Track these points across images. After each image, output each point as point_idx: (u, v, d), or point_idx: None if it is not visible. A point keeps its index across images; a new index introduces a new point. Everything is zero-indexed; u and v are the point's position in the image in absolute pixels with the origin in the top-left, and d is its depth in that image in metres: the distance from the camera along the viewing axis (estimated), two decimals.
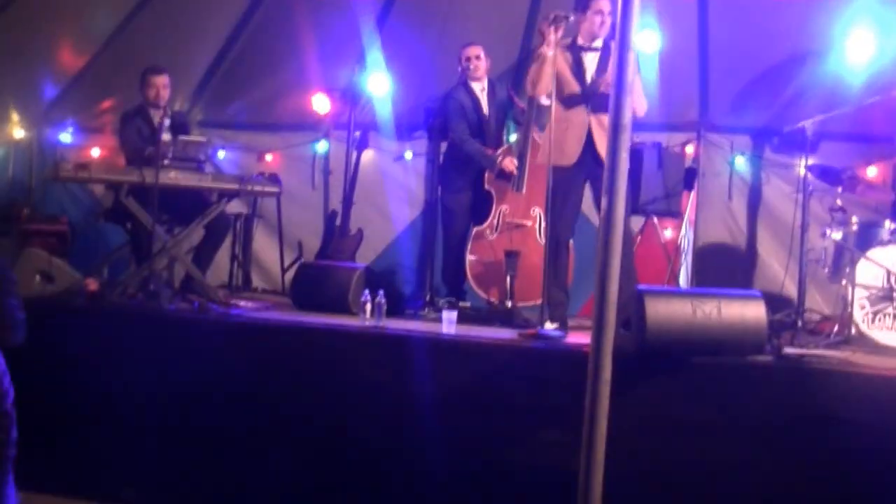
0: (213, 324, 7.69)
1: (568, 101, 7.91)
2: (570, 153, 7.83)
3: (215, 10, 11.01)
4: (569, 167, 7.80)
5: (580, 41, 7.99)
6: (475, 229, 9.04)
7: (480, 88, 9.35)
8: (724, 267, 10.10)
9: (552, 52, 7.64)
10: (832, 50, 9.38)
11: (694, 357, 6.34)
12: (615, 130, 3.91)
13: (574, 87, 7.91)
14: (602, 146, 7.65)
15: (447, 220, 9.44)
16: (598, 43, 7.94)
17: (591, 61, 7.96)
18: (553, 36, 7.65)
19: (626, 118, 3.92)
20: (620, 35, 3.92)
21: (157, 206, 8.28)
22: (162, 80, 9.22)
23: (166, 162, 8.48)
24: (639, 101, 7.77)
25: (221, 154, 11.48)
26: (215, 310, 8.06)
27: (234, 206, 9.80)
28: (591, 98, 7.86)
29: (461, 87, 9.36)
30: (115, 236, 9.90)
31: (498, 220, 8.95)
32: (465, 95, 9.32)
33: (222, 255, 10.21)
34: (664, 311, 6.32)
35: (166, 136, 8.72)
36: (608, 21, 7.86)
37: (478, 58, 9.31)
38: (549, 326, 7.45)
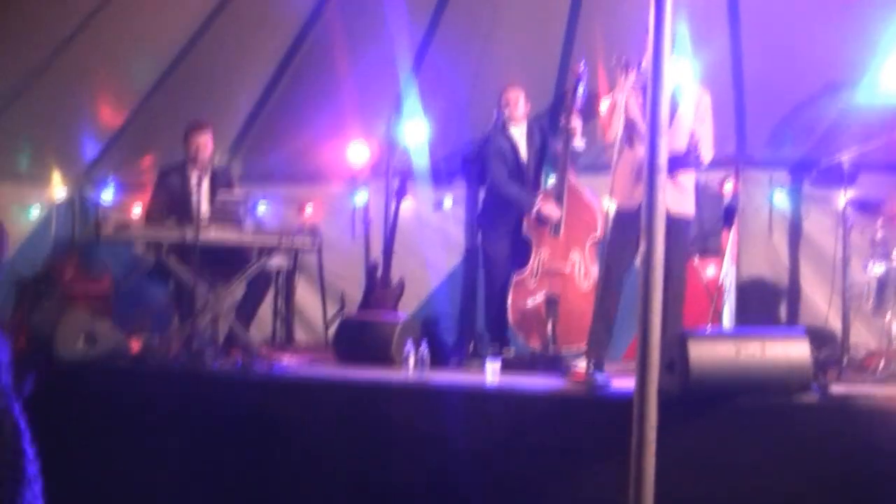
0: (257, 381, 7.70)
1: (635, 144, 7.75)
2: (637, 196, 7.50)
3: (251, 62, 11.09)
4: (633, 210, 7.51)
5: None
6: (516, 276, 9.01)
7: (519, 133, 9.34)
8: (768, 303, 10.03)
9: (623, 98, 7.61)
10: (867, 79, 9.34)
11: (739, 398, 6.29)
12: (651, 171, 3.91)
13: (642, 127, 7.66)
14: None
15: (488, 266, 9.41)
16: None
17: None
18: (624, 80, 7.61)
19: (663, 159, 3.91)
20: (653, 74, 3.92)
21: (199, 264, 8.31)
22: (203, 138, 9.26)
23: (206, 219, 8.53)
24: (707, 148, 7.72)
25: (262, 207, 11.51)
26: (259, 367, 8.07)
27: (275, 260, 9.81)
28: None
29: (499, 130, 9.35)
30: (159, 294, 9.93)
31: (537, 266, 8.93)
32: (504, 139, 9.31)
33: (265, 310, 10.24)
34: (707, 353, 6.29)
35: (205, 194, 8.77)
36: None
37: (518, 100, 9.31)
38: (594, 371, 7.44)
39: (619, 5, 9.38)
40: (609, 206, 7.64)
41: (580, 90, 8.55)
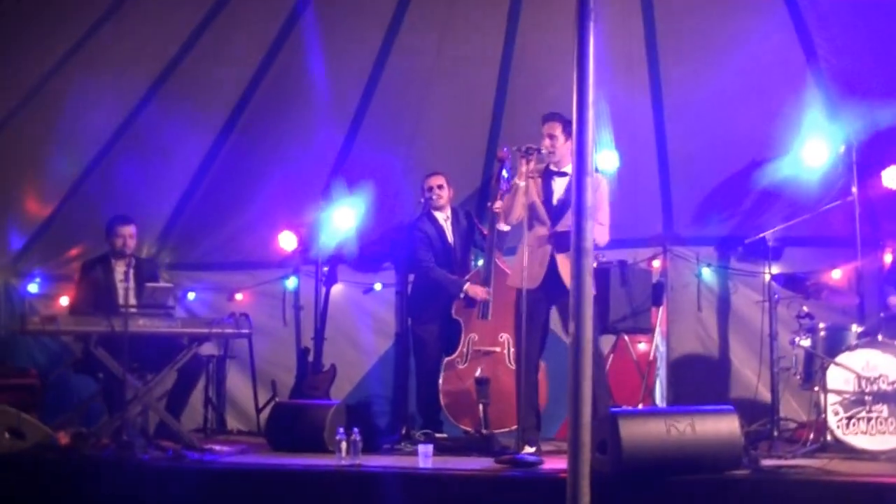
0: (189, 471, 7.61)
1: (534, 225, 8.02)
2: (534, 276, 7.90)
3: (179, 152, 11.06)
4: (533, 290, 7.86)
5: (552, 166, 8.08)
6: (446, 359, 9.03)
7: (444, 217, 9.43)
8: (699, 378, 10.13)
9: (523, 183, 7.75)
10: (788, 156, 9.50)
11: (672, 476, 6.31)
12: (578, 254, 3.93)
13: (542, 212, 8.01)
14: (563, 271, 7.74)
15: (419, 350, 9.43)
16: (569, 168, 7.99)
17: (559, 186, 8.05)
18: (525, 168, 7.77)
19: (588, 242, 3.95)
20: (577, 159, 3.97)
21: (128, 355, 8.24)
22: (128, 230, 9.24)
23: (133, 310, 8.48)
24: (601, 231, 7.85)
25: (191, 296, 11.47)
26: (190, 456, 7.99)
27: (206, 348, 9.78)
28: (555, 225, 7.94)
29: (424, 216, 9.44)
30: (87, 386, 9.81)
31: (467, 349, 8.95)
32: (430, 225, 9.38)
33: (196, 398, 10.16)
34: (638, 432, 6.32)
35: (131, 286, 8.72)
36: (560, 144, 7.96)
37: (440, 187, 9.40)
38: (527, 451, 7.45)
39: (543, 94, 9.50)
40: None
41: (504, 174, 8.65)
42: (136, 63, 10.32)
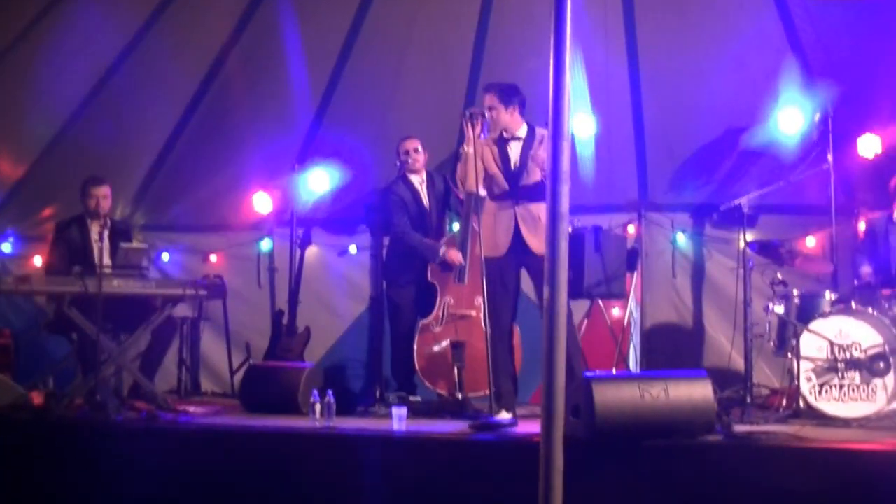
0: (162, 432, 7.61)
1: (494, 193, 8.05)
2: (501, 244, 7.92)
3: (154, 113, 11.02)
4: (500, 257, 7.90)
5: (504, 133, 8.07)
6: (421, 322, 9.02)
7: (419, 181, 9.39)
8: (673, 344, 10.16)
9: (471, 149, 7.75)
10: (764, 124, 9.52)
11: (644, 440, 6.34)
12: (553, 219, 3.90)
13: (500, 178, 8.01)
14: (528, 235, 7.76)
15: (393, 314, 9.42)
16: (522, 131, 8.02)
17: (514, 151, 8.04)
18: (470, 132, 7.76)
19: (564, 206, 3.92)
20: (553, 124, 3.95)
21: (102, 315, 8.22)
22: (102, 191, 9.21)
23: (108, 270, 8.45)
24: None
25: (166, 257, 11.43)
26: (164, 417, 7.98)
27: (180, 310, 9.75)
28: (514, 188, 7.94)
29: (400, 180, 9.40)
30: (60, 347, 9.79)
31: (443, 312, 8.94)
32: (405, 188, 9.35)
33: (170, 360, 10.16)
34: (612, 396, 6.34)
35: (106, 246, 8.69)
36: (500, 113, 7.98)
37: (416, 150, 9.36)
38: (501, 415, 7.47)
39: (520, 60, 9.47)
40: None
41: (481, 137, 8.61)
42: (108, 26, 10.23)
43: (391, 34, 10.51)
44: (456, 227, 9.46)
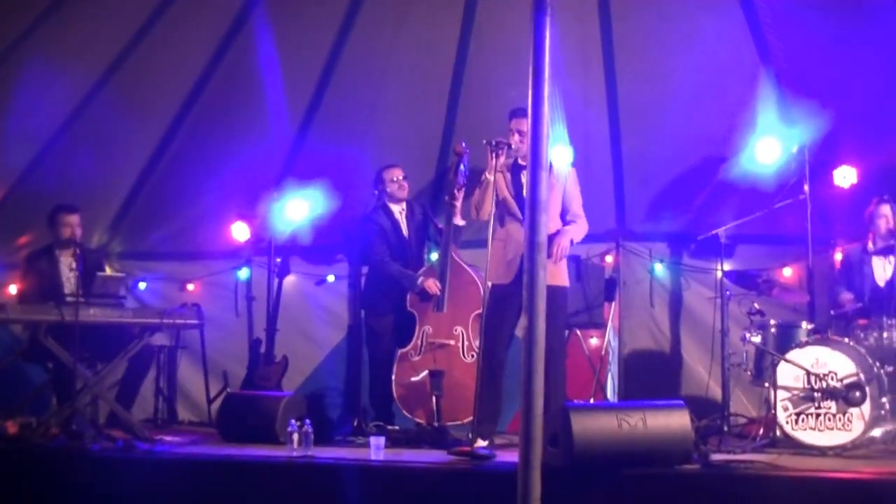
0: (139, 462, 7.58)
1: (506, 220, 8.04)
2: (507, 271, 7.92)
3: (131, 141, 11.01)
4: (507, 285, 7.88)
5: (520, 160, 8.08)
6: (400, 351, 9.01)
7: (399, 210, 9.41)
8: (651, 373, 10.17)
9: (493, 177, 7.78)
10: (741, 154, 9.57)
11: (622, 470, 6.34)
12: (531, 249, 3.93)
13: (512, 204, 8.01)
14: None
15: (372, 342, 9.41)
16: None
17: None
18: (494, 161, 7.78)
19: (542, 237, 3.95)
20: (532, 154, 3.97)
21: (78, 344, 8.19)
22: (73, 219, 9.21)
23: (82, 299, 8.43)
24: (581, 225, 7.98)
25: (143, 285, 11.41)
26: (140, 447, 7.95)
27: (157, 339, 9.73)
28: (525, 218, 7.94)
29: (380, 209, 9.41)
30: (36, 375, 9.74)
31: (422, 341, 8.94)
32: (385, 217, 9.36)
33: (147, 389, 10.12)
34: (590, 426, 6.35)
35: (78, 273, 8.68)
36: (522, 142, 7.96)
37: (405, 178, 9.38)
38: (479, 444, 7.47)
39: (499, 87, 9.51)
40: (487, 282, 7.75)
41: (461, 168, 8.62)
42: (87, 51, 10.22)
43: (370, 62, 10.52)
44: (434, 256, 9.48)
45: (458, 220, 8.78)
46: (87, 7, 9.79)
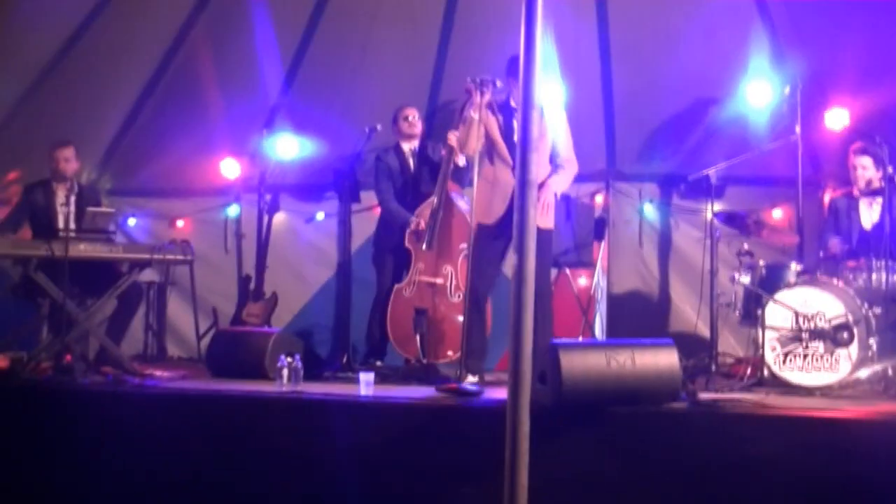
0: (129, 396, 7.60)
1: (495, 161, 8.01)
2: (495, 212, 7.89)
3: (121, 77, 10.95)
4: (491, 225, 7.87)
5: (513, 103, 8.03)
6: (395, 287, 9.02)
7: (410, 149, 9.43)
8: (639, 313, 10.22)
9: (478, 115, 7.75)
10: (733, 96, 9.56)
11: (611, 407, 6.37)
12: (522, 187, 3.92)
13: (502, 147, 7.98)
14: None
15: (377, 277, 9.48)
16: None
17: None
18: (479, 99, 7.74)
19: (533, 175, 3.93)
20: (524, 93, 3.95)
21: (68, 279, 8.19)
22: (64, 153, 9.19)
23: (74, 234, 8.42)
24: (570, 165, 7.93)
25: (132, 222, 11.41)
26: (130, 381, 7.98)
27: (147, 275, 9.72)
28: (515, 161, 7.91)
29: (391, 149, 9.47)
30: (26, 310, 9.73)
31: (414, 278, 8.95)
32: (394, 157, 9.42)
33: (136, 325, 10.13)
34: (579, 363, 6.36)
35: (72, 210, 8.66)
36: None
37: (413, 118, 9.42)
38: (469, 380, 7.49)
39: (490, 28, 9.48)
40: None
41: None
42: None
43: (359, 2, 10.47)
44: None
45: (460, 160, 8.72)
46: None
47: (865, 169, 8.49)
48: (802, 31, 9.44)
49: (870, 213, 8.57)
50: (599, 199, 10.28)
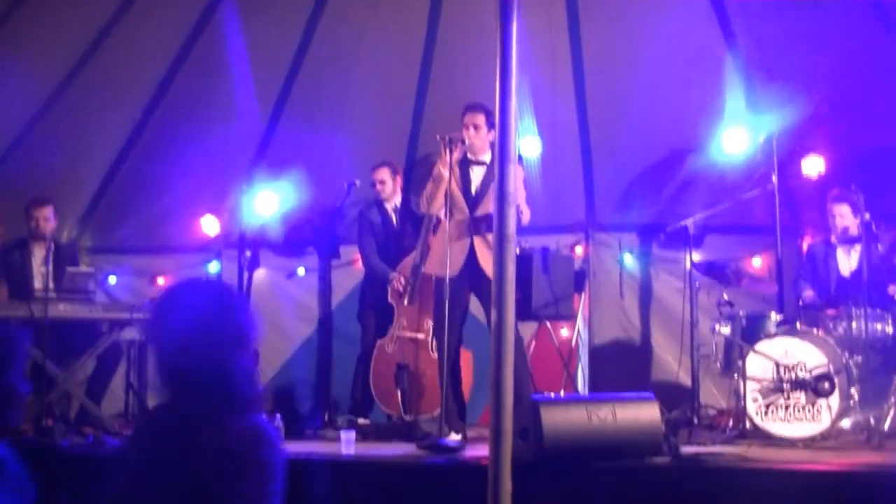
0: (109, 457, 7.53)
1: (452, 214, 8.01)
2: (454, 265, 7.86)
3: (101, 134, 10.95)
4: (454, 278, 7.84)
5: (469, 156, 8.05)
6: (378, 342, 9.02)
7: (392, 207, 9.47)
8: (621, 364, 10.20)
9: (447, 173, 7.76)
10: (710, 145, 9.60)
11: (593, 462, 6.36)
12: (500, 241, 3.90)
13: (460, 200, 8.00)
14: (483, 261, 7.74)
15: (361, 334, 9.47)
16: (487, 157, 8.01)
17: (476, 175, 8.05)
18: (448, 157, 7.75)
19: (511, 229, 3.92)
20: (500, 146, 3.96)
21: (48, 340, 8.15)
22: (44, 212, 9.18)
23: (53, 295, 8.39)
24: (523, 210, 7.89)
25: (112, 280, 11.36)
26: (111, 442, 7.93)
27: (127, 333, 9.68)
28: (473, 215, 7.94)
29: (374, 204, 9.53)
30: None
31: (396, 334, 8.94)
32: (376, 213, 9.49)
33: (117, 384, 10.07)
34: (560, 419, 6.36)
35: (50, 270, 8.63)
36: (483, 134, 7.95)
37: (382, 182, 9.42)
38: (451, 438, 7.47)
39: (466, 77, 9.51)
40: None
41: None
42: (56, 45, 10.17)
43: (338, 57, 10.51)
44: None
45: (441, 214, 8.71)
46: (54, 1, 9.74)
47: (843, 217, 8.52)
48: (776, 77, 9.49)
49: (848, 261, 8.59)
50: (580, 249, 10.28)
